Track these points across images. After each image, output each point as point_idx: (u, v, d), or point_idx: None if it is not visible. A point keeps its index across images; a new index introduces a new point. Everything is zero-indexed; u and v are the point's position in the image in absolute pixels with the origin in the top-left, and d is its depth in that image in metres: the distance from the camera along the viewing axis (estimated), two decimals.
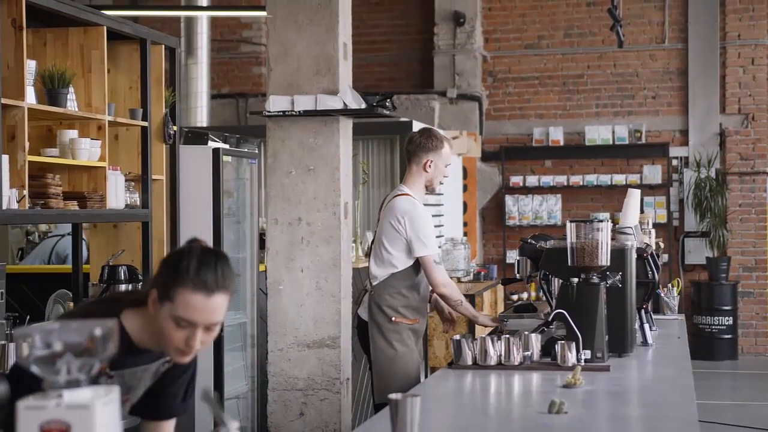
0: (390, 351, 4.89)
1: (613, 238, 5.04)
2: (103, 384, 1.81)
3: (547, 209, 12.43)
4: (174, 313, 2.45)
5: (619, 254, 4.49)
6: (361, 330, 5.06)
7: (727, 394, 10.21)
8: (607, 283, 4.38)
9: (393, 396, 2.67)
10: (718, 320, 11.78)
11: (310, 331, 5.41)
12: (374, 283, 4.95)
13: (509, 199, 12.49)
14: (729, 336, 11.82)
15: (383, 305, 4.91)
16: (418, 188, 4.99)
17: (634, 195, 5.41)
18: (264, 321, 5.94)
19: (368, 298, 5.00)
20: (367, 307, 5.00)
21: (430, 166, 4.96)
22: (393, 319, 4.90)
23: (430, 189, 5.05)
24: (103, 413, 1.75)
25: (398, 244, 4.87)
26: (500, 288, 11.02)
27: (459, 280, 10.32)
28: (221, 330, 6.05)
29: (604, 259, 4.32)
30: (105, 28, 4.97)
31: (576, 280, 4.32)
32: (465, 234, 11.82)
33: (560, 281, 4.51)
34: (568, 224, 4.38)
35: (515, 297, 11.81)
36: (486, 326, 4.84)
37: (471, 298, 9.19)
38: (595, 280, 4.33)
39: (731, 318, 11.80)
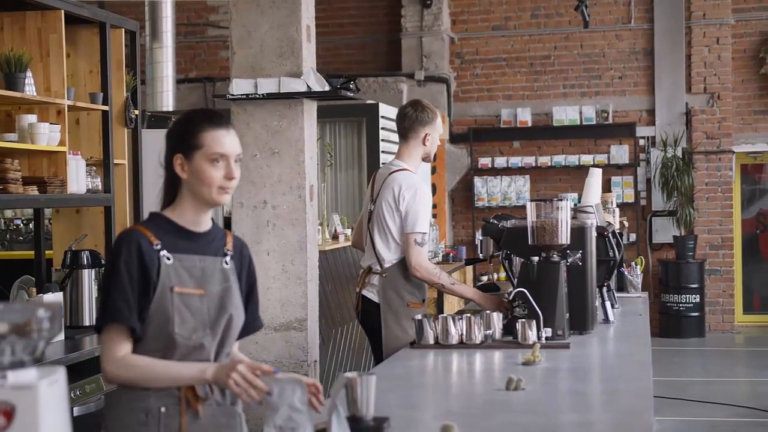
0: (406, 336, 4.63)
1: (574, 217, 5.08)
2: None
3: (516, 190, 12.47)
4: (208, 154, 2.71)
5: (579, 233, 4.52)
6: (367, 313, 4.83)
7: (695, 371, 10.30)
8: (567, 262, 4.42)
9: (348, 375, 2.68)
10: (686, 298, 11.88)
11: (277, 314, 5.42)
12: (386, 266, 4.74)
13: (478, 181, 12.51)
14: (696, 314, 11.92)
15: (401, 289, 4.73)
16: (414, 163, 4.85)
17: (596, 174, 5.45)
18: None
19: (381, 281, 4.76)
20: (378, 289, 4.76)
21: (428, 139, 4.83)
22: (409, 304, 4.73)
23: (427, 161, 4.93)
24: (47, 393, 1.75)
25: (398, 220, 4.70)
26: (469, 269, 11.07)
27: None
28: None
29: (564, 237, 4.35)
30: (62, 11, 4.94)
31: (536, 258, 4.35)
32: (434, 216, 11.85)
33: (521, 260, 4.53)
34: (528, 204, 4.41)
35: (485, 278, 11.86)
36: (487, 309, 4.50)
37: None
38: (556, 258, 4.36)
39: (698, 296, 11.90)
